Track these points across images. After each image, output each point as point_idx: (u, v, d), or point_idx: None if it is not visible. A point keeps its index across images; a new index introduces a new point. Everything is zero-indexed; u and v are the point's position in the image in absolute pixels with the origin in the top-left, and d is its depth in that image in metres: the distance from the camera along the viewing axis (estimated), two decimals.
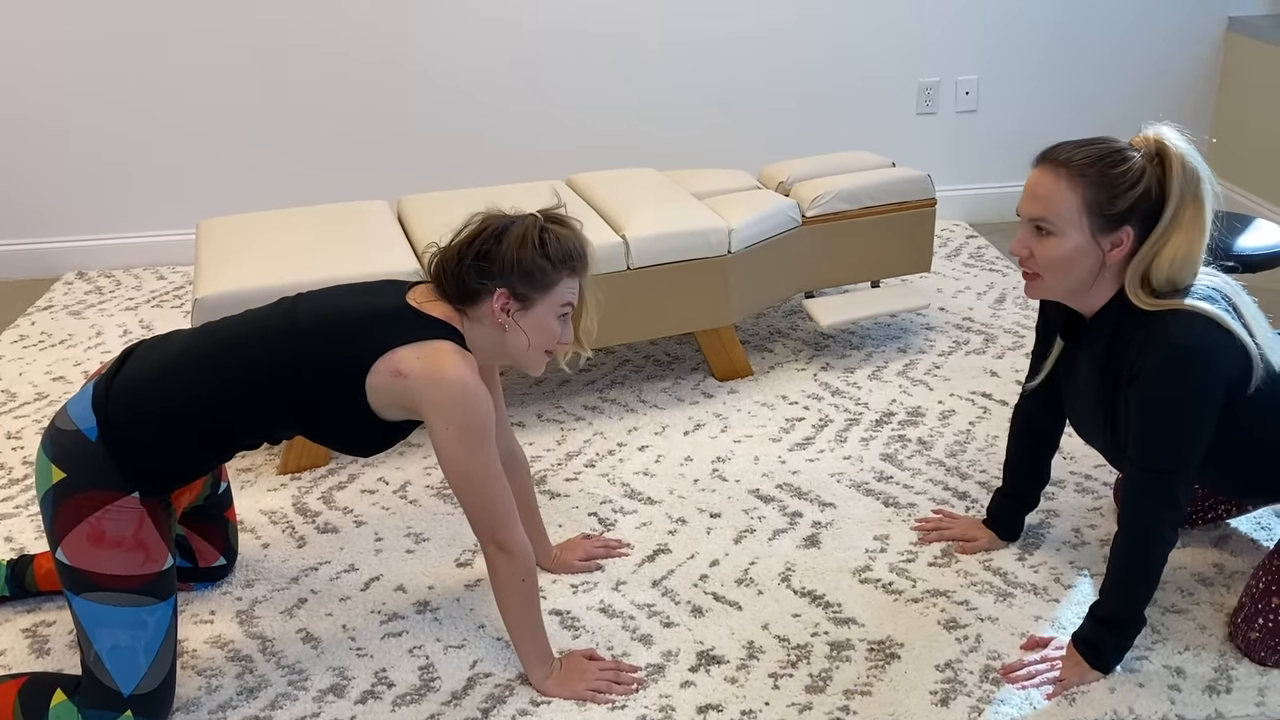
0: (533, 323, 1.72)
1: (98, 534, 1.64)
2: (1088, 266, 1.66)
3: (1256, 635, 1.77)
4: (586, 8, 3.49)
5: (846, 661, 1.83)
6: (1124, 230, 1.63)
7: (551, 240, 1.71)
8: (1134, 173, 1.61)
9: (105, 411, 1.67)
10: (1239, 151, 3.71)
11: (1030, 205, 1.67)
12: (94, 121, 3.47)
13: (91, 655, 1.63)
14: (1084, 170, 1.62)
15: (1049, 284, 1.70)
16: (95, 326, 3.21)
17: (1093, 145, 1.64)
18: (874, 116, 3.73)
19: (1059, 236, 1.65)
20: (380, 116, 3.55)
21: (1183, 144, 1.63)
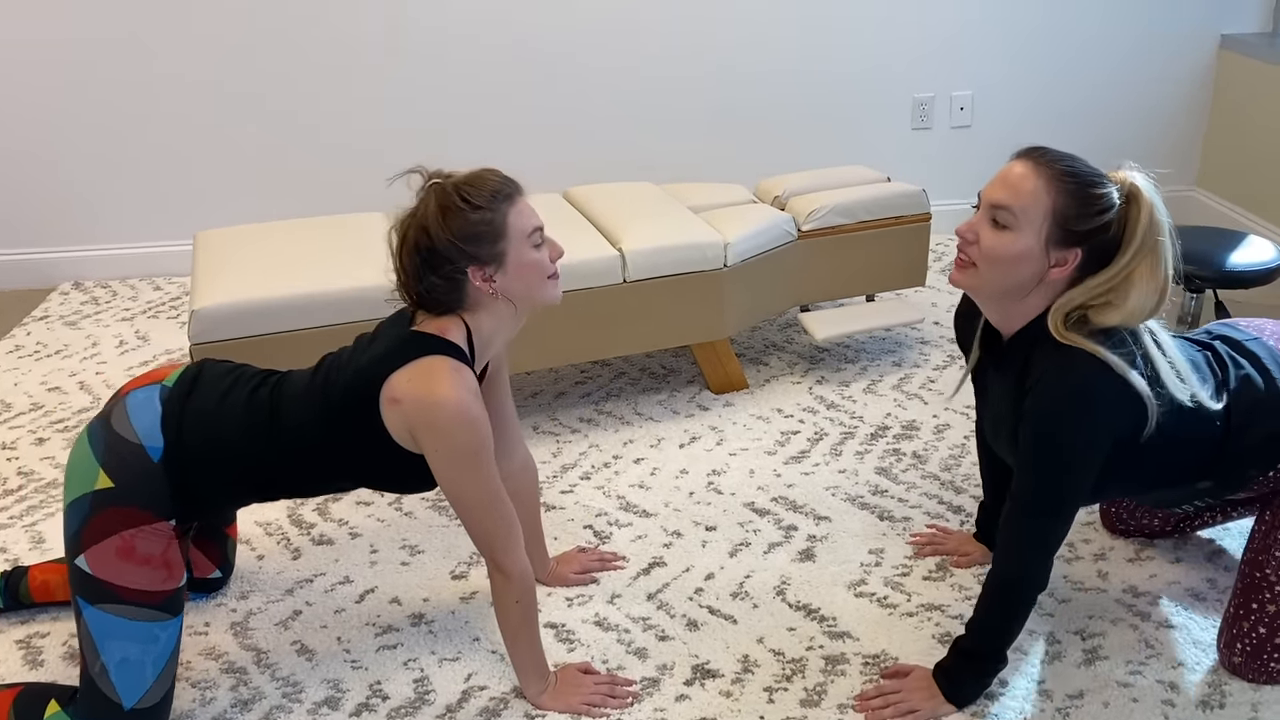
0: (517, 269, 1.67)
1: (128, 549, 1.63)
2: (1026, 274, 1.61)
3: (1240, 659, 1.78)
4: (584, 23, 3.51)
5: (841, 675, 1.83)
6: (1073, 251, 1.60)
7: (466, 190, 1.65)
8: (1108, 201, 1.59)
9: (177, 437, 1.67)
10: (1232, 168, 3.74)
11: (999, 191, 1.61)
12: (91, 132, 3.48)
13: (97, 667, 1.62)
14: (1064, 178, 1.59)
15: (982, 276, 1.64)
16: (91, 337, 3.20)
17: (1078, 161, 1.62)
18: (869, 131, 3.75)
19: (1014, 232, 1.59)
20: (377, 128, 3.56)
21: (1154, 194, 1.61)
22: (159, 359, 3.05)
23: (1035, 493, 1.63)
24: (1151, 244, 1.58)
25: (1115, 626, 1.93)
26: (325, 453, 1.70)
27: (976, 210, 1.65)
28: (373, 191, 3.59)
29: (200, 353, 2.33)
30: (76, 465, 1.67)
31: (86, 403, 2.81)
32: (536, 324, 2.39)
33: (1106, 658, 1.85)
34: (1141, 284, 1.58)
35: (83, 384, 2.92)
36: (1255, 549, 1.78)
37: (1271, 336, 1.78)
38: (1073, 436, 1.59)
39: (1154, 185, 1.62)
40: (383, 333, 1.73)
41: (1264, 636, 1.75)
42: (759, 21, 3.58)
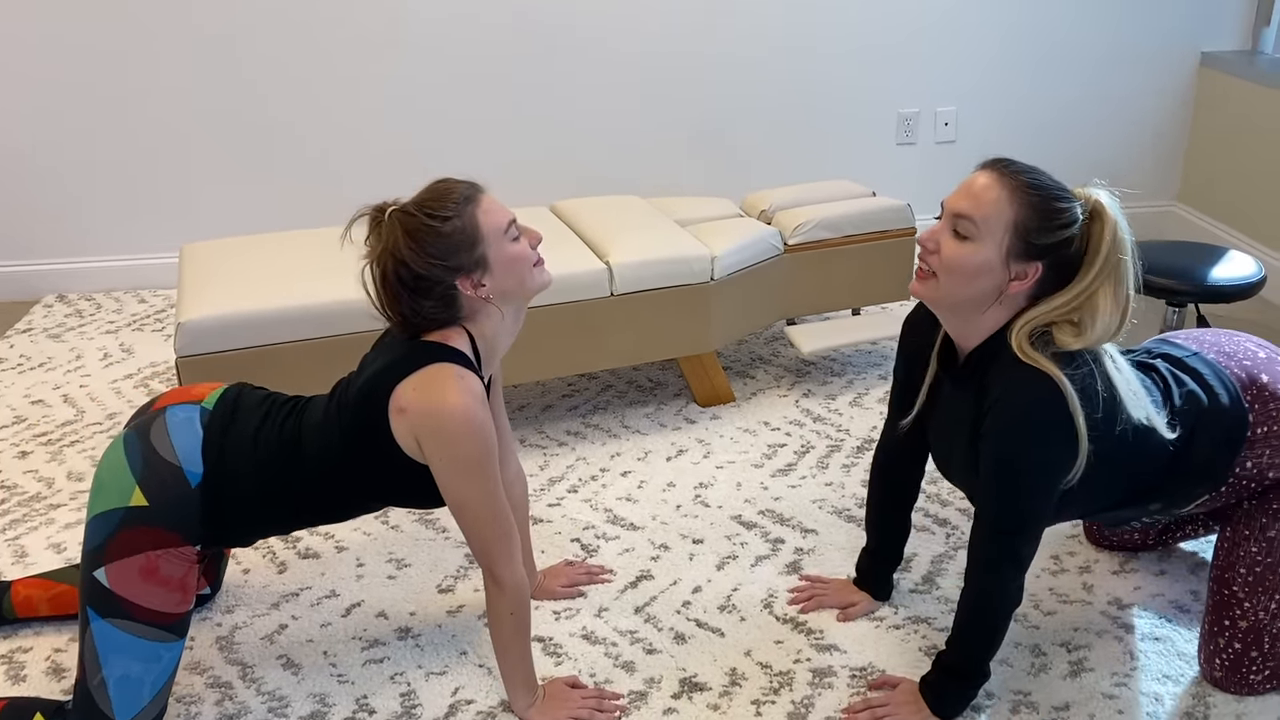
0: (502, 267, 1.66)
1: (151, 569, 1.63)
2: (985, 287, 1.58)
3: (1220, 674, 1.79)
4: (572, 38, 3.53)
5: (829, 688, 1.84)
6: (1034, 265, 1.57)
7: (429, 207, 1.63)
8: (1071, 215, 1.56)
9: (216, 467, 1.67)
10: (1212, 184, 3.78)
11: (961, 200, 1.59)
12: (76, 144, 3.47)
13: (97, 680, 1.61)
14: (1027, 190, 1.56)
15: (941, 287, 1.60)
16: (75, 350, 3.19)
17: (1043, 175, 1.59)
18: (855, 146, 3.78)
19: (975, 243, 1.57)
20: (364, 140, 3.56)
21: (1118, 212, 1.59)
22: (143, 372, 3.03)
23: (1000, 513, 1.62)
24: (1114, 263, 1.56)
25: (1100, 639, 1.94)
26: (345, 473, 1.70)
27: (939, 220, 1.64)
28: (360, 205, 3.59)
29: (186, 366, 2.32)
30: (109, 476, 1.66)
31: (70, 415, 2.80)
32: (524, 337, 2.40)
33: (1092, 670, 1.86)
34: (1105, 304, 1.57)
35: (66, 397, 2.90)
36: (1221, 565, 1.79)
37: (1210, 349, 1.78)
38: (1032, 458, 1.57)
39: (1118, 203, 1.60)
40: (385, 345, 1.72)
41: (1240, 651, 1.77)
42: (746, 37, 3.60)
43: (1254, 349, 1.78)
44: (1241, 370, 1.73)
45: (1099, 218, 1.58)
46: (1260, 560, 1.73)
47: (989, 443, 1.60)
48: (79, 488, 2.47)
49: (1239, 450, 1.70)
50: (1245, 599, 1.74)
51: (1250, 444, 1.70)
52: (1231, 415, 1.69)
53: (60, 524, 2.33)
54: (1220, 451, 1.70)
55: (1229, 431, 1.69)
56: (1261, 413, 1.70)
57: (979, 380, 1.64)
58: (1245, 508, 1.77)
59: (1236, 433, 1.69)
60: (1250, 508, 1.76)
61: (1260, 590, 1.73)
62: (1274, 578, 1.73)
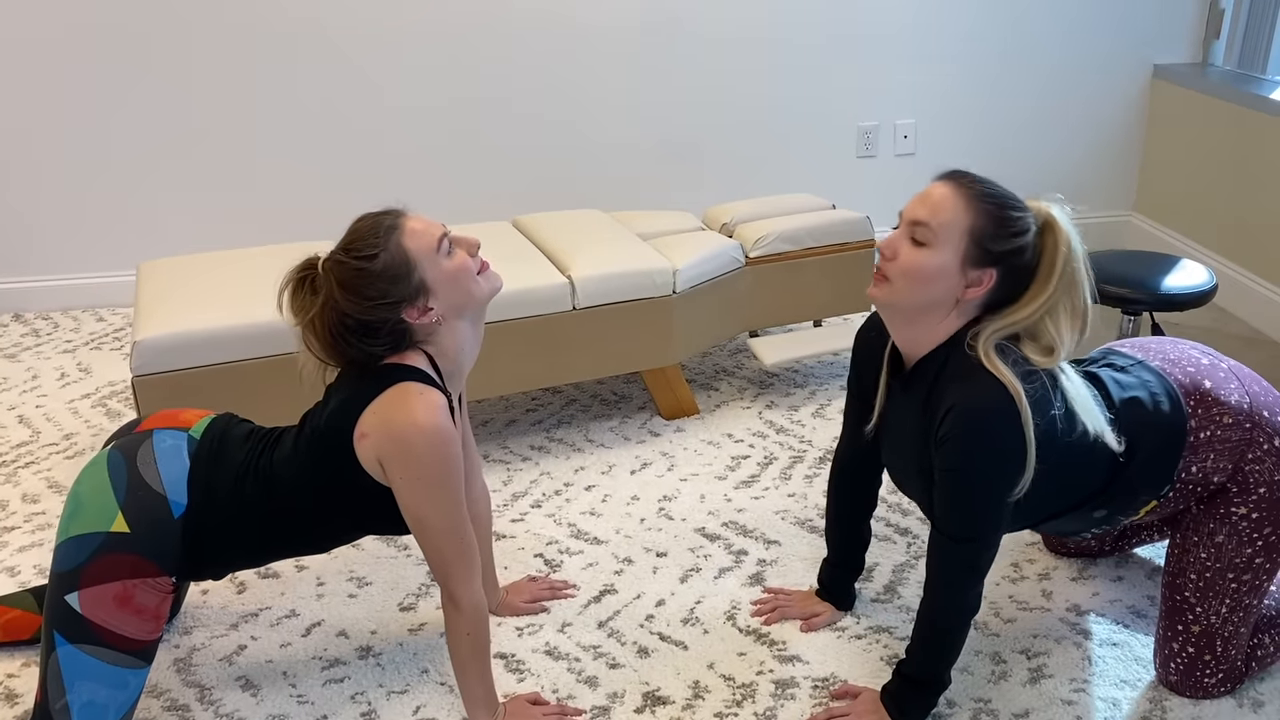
0: (444, 286, 1.64)
1: (126, 598, 1.60)
2: (941, 292, 1.61)
3: (1175, 678, 1.81)
4: (531, 51, 3.53)
5: (791, 699, 1.84)
6: (989, 271, 1.60)
7: (354, 249, 1.61)
8: (1025, 224, 1.60)
9: (200, 502, 1.65)
10: (1166, 194, 3.84)
11: (919, 208, 1.62)
12: (31, 161, 3.42)
13: (60, 704, 1.58)
14: (983, 199, 1.60)
15: (898, 291, 1.62)
16: (31, 370, 3.14)
17: (997, 185, 1.63)
18: (815, 159, 3.81)
19: (931, 249, 1.59)
20: (323, 157, 3.55)
21: (1070, 225, 1.62)
22: (101, 391, 2.99)
23: (956, 522, 1.63)
24: (1070, 273, 1.60)
25: (1060, 645, 1.96)
26: (317, 506, 1.69)
27: (897, 229, 1.66)
28: (318, 221, 3.57)
29: (142, 385, 2.29)
30: (91, 498, 1.63)
31: (25, 436, 2.75)
32: (486, 352, 2.39)
33: (1051, 676, 1.88)
34: (1065, 316, 1.61)
35: (22, 417, 2.86)
36: (1172, 571, 1.81)
37: (1155, 357, 1.80)
38: (988, 468, 1.59)
39: (1070, 217, 1.63)
40: (347, 375, 1.70)
41: (1194, 655, 1.79)
42: (707, 50, 3.62)
43: (1196, 355, 1.80)
44: (1184, 376, 1.75)
45: (1051, 230, 1.61)
46: (1209, 565, 1.75)
47: (943, 451, 1.61)
48: (34, 509, 2.43)
49: (1180, 456, 1.71)
50: (1197, 604, 1.77)
51: (1193, 449, 1.71)
52: (1172, 421, 1.71)
53: (14, 547, 2.29)
54: (1162, 458, 1.71)
55: (1170, 438, 1.70)
56: (1204, 417, 1.71)
57: (929, 388, 1.65)
58: (1193, 513, 1.79)
59: (1177, 438, 1.70)
60: (1198, 513, 1.78)
61: (1211, 595, 1.76)
62: (1223, 582, 1.75)
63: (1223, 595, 1.75)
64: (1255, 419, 1.72)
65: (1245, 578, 1.74)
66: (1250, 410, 1.72)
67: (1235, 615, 1.76)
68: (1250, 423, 1.71)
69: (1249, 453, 1.71)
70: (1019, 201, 1.63)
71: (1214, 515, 1.76)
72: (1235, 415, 1.71)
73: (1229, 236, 3.51)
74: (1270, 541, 1.73)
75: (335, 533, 1.76)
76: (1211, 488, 1.75)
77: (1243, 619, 1.76)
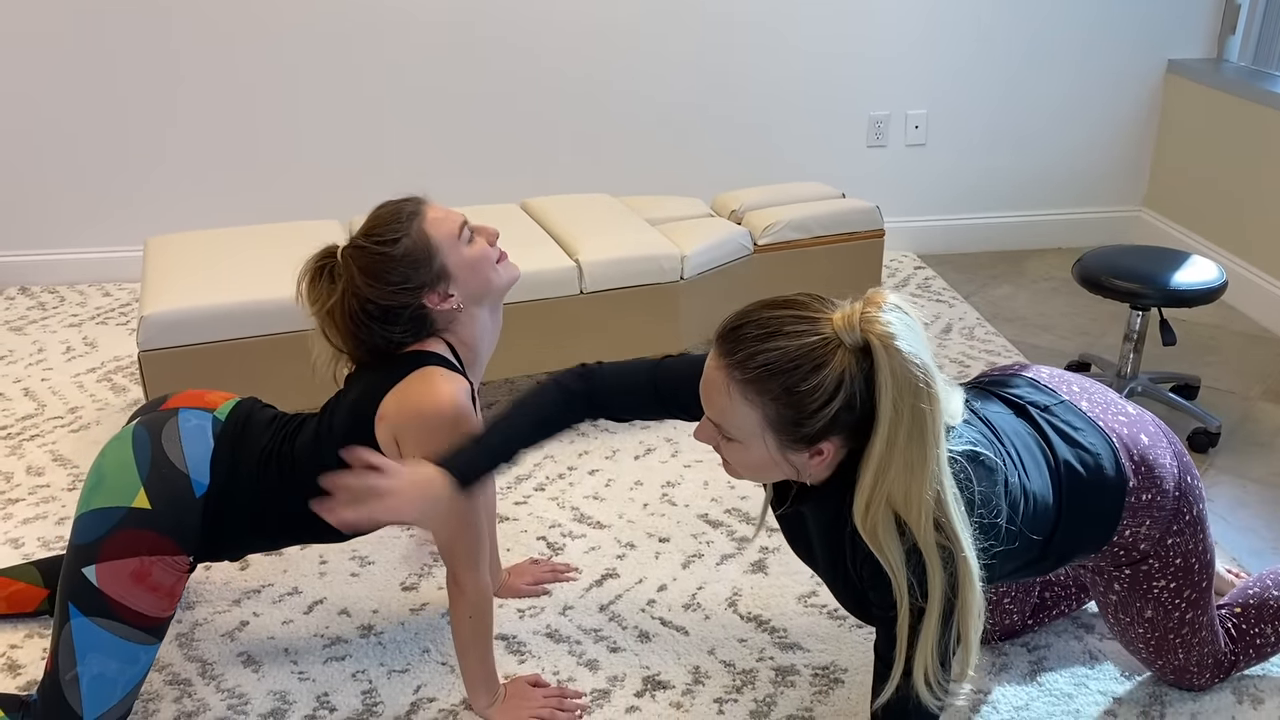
0: (464, 273, 1.65)
1: (144, 574, 1.61)
2: (784, 472, 1.36)
3: (1171, 678, 1.81)
4: (545, 36, 3.52)
5: (791, 687, 1.84)
6: (822, 444, 1.31)
7: (376, 235, 1.61)
8: (828, 386, 1.26)
9: (223, 485, 1.65)
10: (1177, 190, 3.82)
11: (706, 404, 1.35)
12: (40, 135, 3.42)
13: (70, 675, 1.59)
14: (763, 384, 1.27)
15: (746, 477, 1.41)
16: (38, 343, 3.15)
17: (779, 341, 1.27)
18: (826, 148, 3.79)
19: (742, 444, 1.34)
20: (332, 136, 3.54)
21: (900, 337, 1.25)
22: (107, 366, 3.00)
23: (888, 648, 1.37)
24: (909, 409, 1.25)
25: (1060, 639, 1.96)
26: None
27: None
28: (326, 199, 3.57)
29: (149, 360, 2.30)
30: (114, 472, 1.64)
31: (30, 409, 2.76)
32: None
33: (1051, 670, 1.88)
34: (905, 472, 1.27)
35: (27, 390, 2.86)
36: (1120, 641, 1.76)
37: (1081, 399, 1.63)
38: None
39: (900, 314, 1.27)
40: (367, 366, 1.70)
41: (1175, 678, 1.80)
42: (718, 39, 3.60)
43: (1121, 403, 1.65)
44: (1121, 428, 1.59)
45: (872, 354, 1.26)
46: (1151, 636, 1.72)
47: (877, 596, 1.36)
48: (38, 482, 2.44)
49: (1120, 518, 1.56)
50: (1155, 658, 1.76)
51: (1132, 510, 1.57)
52: (1115, 483, 1.55)
53: (18, 519, 2.30)
54: (1102, 520, 1.56)
55: (1113, 499, 1.55)
56: (1146, 478, 1.57)
57: (836, 507, 1.38)
58: (1115, 596, 1.69)
59: (1118, 500, 1.55)
60: (1121, 594, 1.68)
61: (1164, 651, 1.74)
62: (1168, 640, 1.72)
63: (1173, 648, 1.73)
64: (1183, 486, 1.62)
65: (1185, 631, 1.71)
66: (1179, 476, 1.62)
67: (1195, 650, 1.74)
68: (1179, 490, 1.61)
69: (1174, 524, 1.61)
70: (811, 354, 1.26)
71: (1138, 595, 1.67)
72: (1171, 481, 1.59)
73: (1238, 233, 3.49)
74: (1191, 599, 1.68)
75: None
76: (1134, 556, 1.63)
77: (1205, 639, 1.74)
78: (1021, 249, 3.98)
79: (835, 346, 1.27)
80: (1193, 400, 2.83)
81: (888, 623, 1.35)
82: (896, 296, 1.30)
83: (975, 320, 3.33)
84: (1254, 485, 2.47)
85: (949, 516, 1.30)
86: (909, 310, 1.29)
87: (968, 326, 3.28)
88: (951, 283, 3.66)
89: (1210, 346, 3.20)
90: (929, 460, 1.27)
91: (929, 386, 1.26)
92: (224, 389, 2.24)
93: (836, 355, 1.27)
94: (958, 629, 1.33)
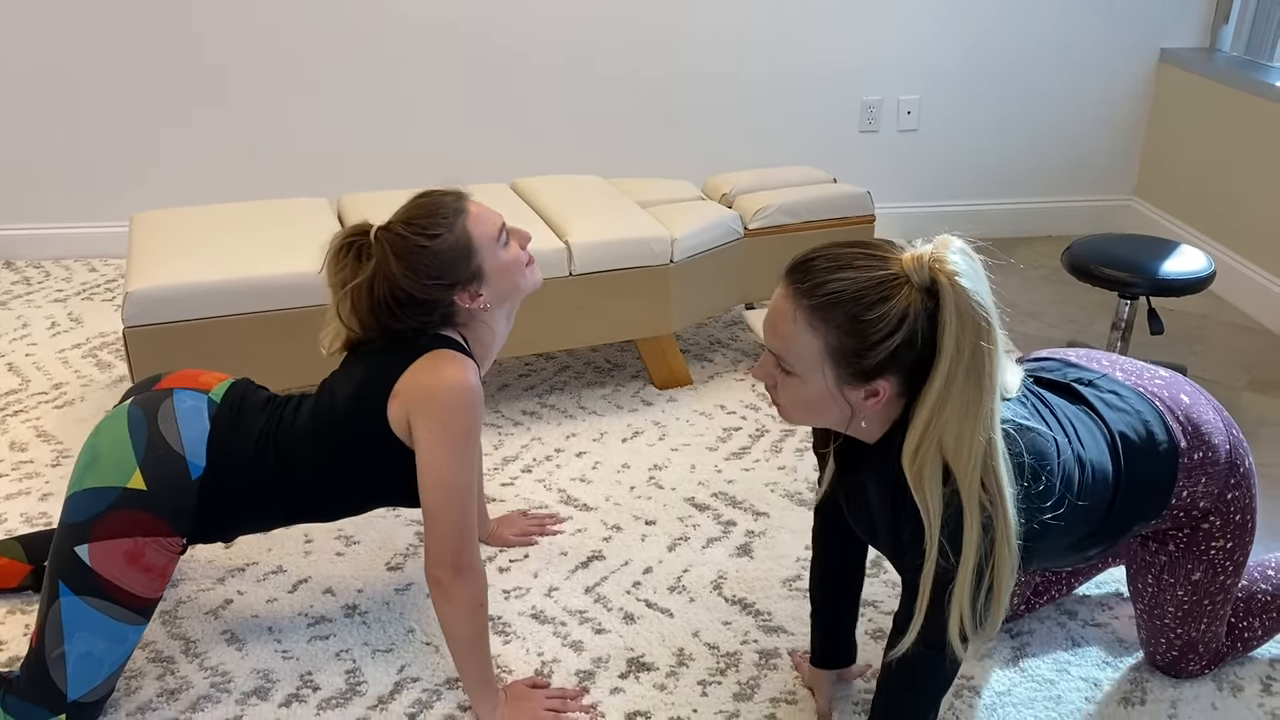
0: (497, 276, 1.66)
1: (137, 555, 1.60)
2: (839, 414, 1.37)
3: (1174, 655, 1.81)
4: (533, 17, 3.49)
5: (774, 670, 1.85)
6: (879, 383, 1.32)
7: (419, 225, 1.61)
8: (892, 318, 1.28)
9: (220, 465, 1.64)
10: (1168, 179, 3.83)
11: (769, 336, 1.37)
12: (25, 108, 3.39)
13: (56, 653, 1.58)
14: (829, 311, 1.29)
15: (797, 418, 1.41)
16: (21, 318, 3.12)
17: (848, 273, 1.30)
18: (818, 132, 3.78)
19: (799, 378, 1.35)
20: (323, 113, 3.51)
21: (966, 276, 1.27)
22: (92, 342, 2.98)
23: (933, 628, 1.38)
24: (970, 349, 1.27)
25: (1043, 624, 1.97)
26: (341, 474, 1.68)
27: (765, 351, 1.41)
28: (315, 177, 3.55)
29: (134, 336, 2.28)
30: (109, 452, 1.62)
31: (14, 384, 2.74)
32: None
33: (1034, 655, 1.89)
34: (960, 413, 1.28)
35: (11, 365, 2.84)
36: (1147, 605, 1.75)
37: (1114, 369, 1.65)
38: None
39: (969, 259, 1.31)
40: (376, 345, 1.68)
41: (1179, 655, 1.80)
42: (711, 21, 3.58)
43: (1153, 369, 1.67)
44: (1160, 390, 1.61)
45: (938, 293, 1.28)
46: (1187, 600, 1.72)
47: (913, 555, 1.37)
48: (21, 458, 2.42)
49: (1175, 480, 1.57)
50: (1177, 626, 1.76)
51: (1187, 471, 1.58)
52: (1167, 444, 1.56)
53: (1, 495, 2.28)
54: (1159, 484, 1.57)
55: (1166, 462, 1.56)
56: (1194, 438, 1.58)
57: (894, 467, 1.37)
58: (1166, 558, 1.69)
59: (1172, 462, 1.56)
60: (1175, 554, 1.68)
61: (1191, 619, 1.74)
62: (1202, 608, 1.72)
63: (1201, 616, 1.74)
64: (1232, 440, 1.63)
65: (1219, 598, 1.72)
66: (1226, 430, 1.63)
67: (1215, 625, 1.76)
68: (1229, 444, 1.61)
69: (1230, 478, 1.61)
70: (880, 286, 1.29)
71: (1192, 556, 1.67)
72: (1220, 435, 1.60)
73: (1228, 224, 3.50)
74: (1238, 562, 1.69)
75: (351, 502, 1.75)
76: (1195, 514, 1.63)
77: (1222, 621, 1.76)
78: (1011, 236, 3.98)
79: (903, 282, 1.29)
80: None
81: (915, 571, 1.36)
82: (964, 244, 1.33)
83: None
84: None
85: (996, 470, 1.31)
86: (975, 258, 1.32)
87: None
88: None
89: (1198, 336, 3.21)
90: (984, 402, 1.29)
91: (990, 327, 1.28)
92: (209, 366, 2.23)
93: (903, 290, 1.29)
94: (992, 585, 1.35)
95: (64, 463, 2.41)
